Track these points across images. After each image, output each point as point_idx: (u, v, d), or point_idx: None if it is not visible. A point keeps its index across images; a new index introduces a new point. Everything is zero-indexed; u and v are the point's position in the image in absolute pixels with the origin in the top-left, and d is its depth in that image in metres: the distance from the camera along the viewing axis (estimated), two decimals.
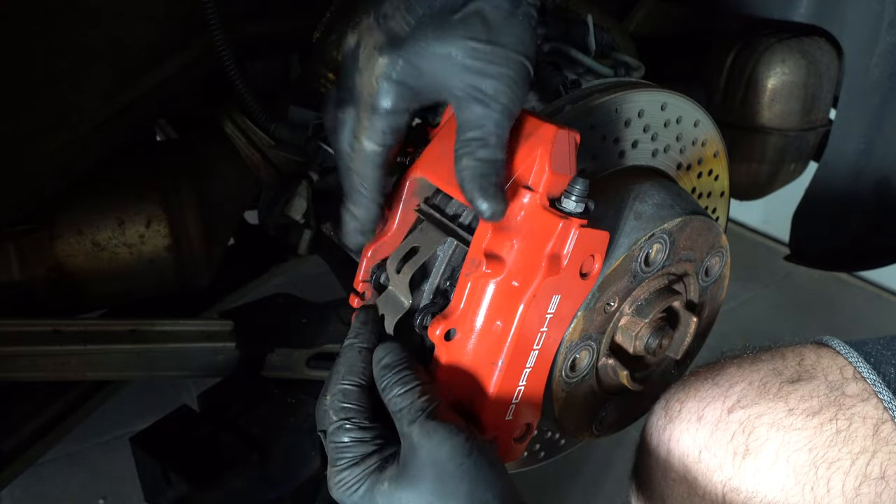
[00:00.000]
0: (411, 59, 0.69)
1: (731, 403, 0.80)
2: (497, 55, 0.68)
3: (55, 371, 0.91)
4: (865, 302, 2.74)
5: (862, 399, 0.75)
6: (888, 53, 1.40)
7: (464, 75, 0.68)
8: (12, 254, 1.00)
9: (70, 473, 1.80)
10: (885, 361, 0.77)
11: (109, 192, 1.06)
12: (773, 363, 0.82)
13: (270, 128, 1.13)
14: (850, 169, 1.51)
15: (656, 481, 0.85)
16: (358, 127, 0.74)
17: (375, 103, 0.71)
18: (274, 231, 1.23)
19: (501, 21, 0.68)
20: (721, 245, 0.93)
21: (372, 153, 0.73)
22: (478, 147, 0.69)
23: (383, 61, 0.70)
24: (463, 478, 0.67)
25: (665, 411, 0.86)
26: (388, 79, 0.70)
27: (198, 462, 0.97)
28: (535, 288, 0.71)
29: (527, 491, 0.71)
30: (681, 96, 0.91)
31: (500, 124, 0.69)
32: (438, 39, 0.68)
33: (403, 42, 0.69)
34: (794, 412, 0.76)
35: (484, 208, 0.69)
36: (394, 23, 0.70)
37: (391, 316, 0.81)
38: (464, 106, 0.69)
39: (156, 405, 1.15)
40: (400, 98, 0.71)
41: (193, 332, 1.03)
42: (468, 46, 0.68)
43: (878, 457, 0.72)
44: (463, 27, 0.68)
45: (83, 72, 0.86)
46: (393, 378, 0.72)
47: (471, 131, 0.69)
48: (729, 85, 1.56)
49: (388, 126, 0.72)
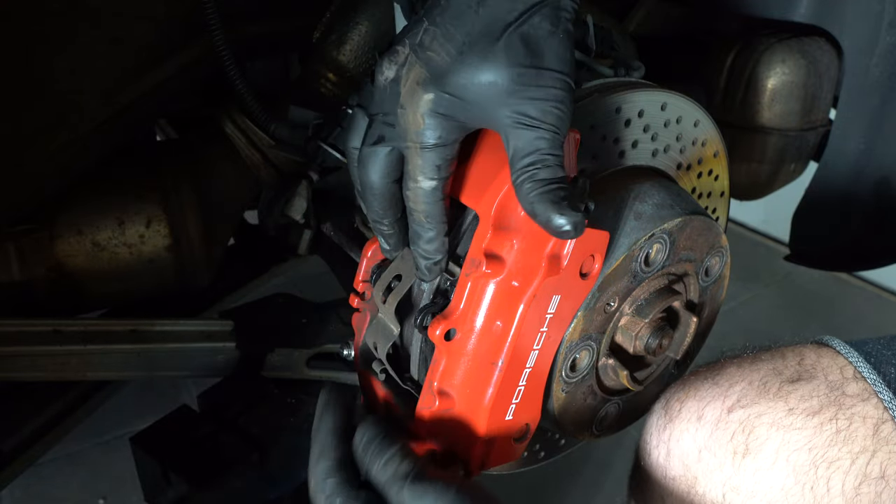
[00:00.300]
0: (457, 91, 0.67)
1: (731, 403, 0.80)
2: (542, 78, 0.66)
3: (55, 371, 0.91)
4: (865, 302, 2.74)
5: (862, 399, 0.74)
6: (888, 53, 1.40)
7: (510, 102, 0.66)
8: (12, 254, 1.00)
9: (70, 473, 1.80)
10: (886, 361, 0.77)
11: (109, 192, 1.06)
12: (772, 363, 0.82)
13: (270, 128, 1.13)
14: (850, 169, 1.51)
15: (655, 481, 0.86)
16: (410, 166, 0.72)
17: (424, 139, 0.69)
18: (274, 231, 1.23)
19: (544, 42, 0.66)
20: (721, 245, 0.93)
21: (431, 189, 0.71)
22: (537, 170, 0.67)
23: (428, 97, 0.67)
24: None
25: (665, 411, 0.86)
26: (435, 114, 0.68)
27: (198, 462, 0.97)
28: (535, 288, 0.71)
29: (527, 491, 0.71)
30: (681, 96, 0.91)
31: (553, 143, 0.67)
32: (483, 68, 0.66)
33: (446, 74, 0.67)
34: (794, 412, 0.76)
35: (562, 223, 0.65)
36: (433, 53, 0.68)
37: (382, 343, 0.82)
38: (513, 133, 0.67)
39: (156, 405, 1.15)
40: (448, 131, 0.69)
41: (193, 332, 1.03)
42: (513, 73, 0.66)
43: (879, 456, 0.72)
44: (506, 53, 0.66)
45: (83, 72, 0.86)
46: (372, 453, 0.71)
47: (526, 157, 0.67)
48: (729, 85, 1.56)
49: (441, 159, 0.70)
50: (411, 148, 0.70)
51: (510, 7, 0.66)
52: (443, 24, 0.67)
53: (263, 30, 1.10)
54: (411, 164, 0.71)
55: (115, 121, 0.92)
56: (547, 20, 0.67)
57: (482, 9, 0.66)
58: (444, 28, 0.67)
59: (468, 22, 0.67)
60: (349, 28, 1.17)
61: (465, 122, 0.69)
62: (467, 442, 0.77)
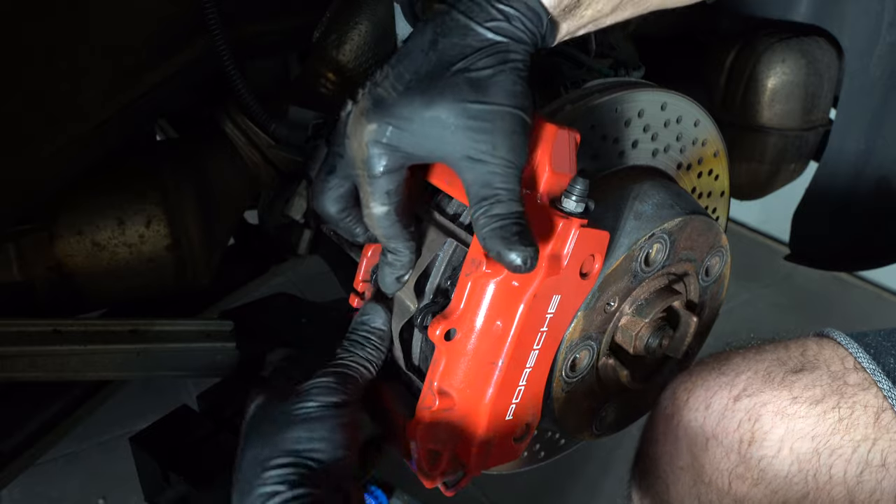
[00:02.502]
0: (400, 123, 0.69)
1: (738, 392, 0.81)
2: (488, 113, 0.67)
3: (55, 371, 0.91)
4: (865, 302, 2.74)
5: (863, 388, 0.76)
6: (888, 53, 1.40)
7: (457, 137, 0.67)
8: (12, 254, 1.00)
9: (70, 473, 1.80)
10: (885, 352, 0.78)
11: (109, 192, 1.06)
12: (776, 354, 0.84)
13: (270, 128, 1.13)
14: (850, 169, 1.51)
15: (662, 470, 0.86)
16: (362, 194, 0.74)
17: (370, 168, 0.71)
18: (274, 231, 1.23)
19: (489, 80, 0.68)
20: (721, 245, 0.93)
21: (384, 214, 0.73)
22: (490, 205, 0.67)
23: (371, 127, 0.69)
24: None
25: (672, 400, 0.87)
26: (377, 143, 0.69)
27: (198, 462, 0.97)
28: (535, 288, 0.71)
29: (527, 491, 0.71)
30: (681, 96, 0.91)
31: (507, 177, 0.68)
32: (426, 104, 0.68)
33: (390, 106, 0.69)
34: (798, 400, 0.77)
35: (512, 258, 0.66)
36: (381, 89, 0.70)
37: (398, 319, 0.82)
38: (464, 167, 0.68)
39: (156, 405, 1.15)
40: (392, 160, 0.70)
41: (193, 332, 1.02)
42: (458, 108, 0.67)
43: (879, 444, 0.74)
44: (451, 89, 0.67)
45: (83, 72, 0.86)
46: None
47: (480, 191, 0.68)
48: (729, 85, 1.56)
49: (390, 185, 0.72)
50: (360, 176, 0.72)
51: (459, 51, 0.68)
52: (397, 65, 0.70)
53: (263, 30, 1.10)
54: (362, 191, 0.74)
55: (114, 121, 0.92)
56: (493, 60, 0.68)
57: (432, 52, 0.69)
58: (397, 69, 0.70)
59: (418, 62, 0.69)
60: (349, 28, 1.17)
61: (411, 153, 0.70)
62: (467, 442, 0.77)
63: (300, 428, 0.72)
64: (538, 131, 0.72)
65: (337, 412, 0.74)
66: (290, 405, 0.74)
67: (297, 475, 0.69)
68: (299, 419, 0.73)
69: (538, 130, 0.72)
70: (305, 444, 0.71)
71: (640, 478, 0.92)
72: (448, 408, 0.76)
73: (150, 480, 0.99)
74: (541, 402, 0.82)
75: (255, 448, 0.72)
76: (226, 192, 1.17)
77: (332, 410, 0.74)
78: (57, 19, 0.80)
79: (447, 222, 0.81)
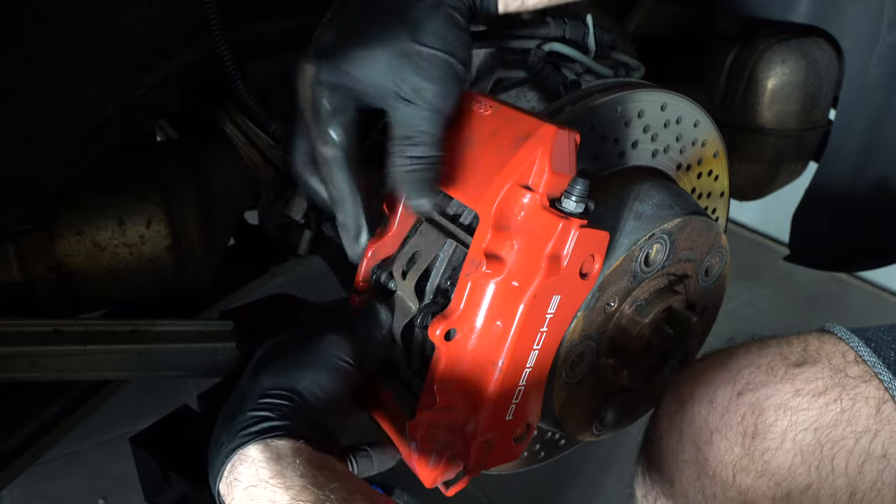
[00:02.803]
0: (337, 63, 0.71)
1: (741, 386, 0.82)
2: (420, 54, 0.69)
3: (55, 371, 0.91)
4: (865, 302, 2.74)
5: (864, 380, 0.77)
6: (888, 54, 1.40)
7: (389, 75, 0.70)
8: (12, 254, 1.00)
9: (70, 473, 1.80)
10: (886, 345, 0.79)
11: (109, 192, 1.06)
12: (779, 348, 0.84)
13: (270, 128, 1.13)
14: (850, 169, 1.51)
15: (666, 464, 0.87)
16: (311, 138, 0.76)
17: (316, 108, 0.73)
18: (274, 231, 1.23)
19: (421, 21, 0.70)
20: (721, 245, 0.93)
21: (332, 157, 0.75)
22: (409, 145, 0.71)
23: (311, 69, 0.72)
24: None
25: (676, 395, 0.88)
26: (319, 83, 0.72)
27: (198, 462, 0.97)
28: (535, 288, 0.71)
29: (527, 491, 0.71)
30: (681, 97, 0.91)
31: (429, 121, 0.70)
32: (361, 44, 0.70)
33: (328, 49, 0.72)
34: (801, 393, 0.78)
35: (420, 203, 0.71)
36: (325, 35, 0.73)
37: (399, 320, 0.82)
38: (392, 105, 0.71)
39: (156, 405, 1.15)
40: (337, 98, 0.73)
41: (193, 332, 1.02)
42: (390, 48, 0.70)
43: (881, 436, 0.74)
44: (384, 30, 0.70)
45: (83, 72, 0.86)
46: None
47: (400, 130, 0.71)
48: (729, 85, 1.56)
49: (337, 125, 0.74)
50: (310, 120, 0.74)
51: None
52: (338, 11, 0.75)
53: (263, 30, 1.10)
54: (312, 134, 0.75)
55: (114, 121, 0.92)
56: (428, 6, 0.71)
57: None
58: (336, 18, 0.74)
59: (356, 10, 0.73)
60: None
61: (353, 92, 0.72)
62: (467, 441, 0.77)
63: (309, 370, 0.73)
64: (538, 131, 0.72)
65: (347, 370, 0.75)
66: (304, 349, 0.75)
67: (291, 409, 0.69)
68: (309, 364, 0.73)
69: (538, 130, 0.72)
70: (308, 386, 0.71)
71: (644, 472, 0.93)
72: (448, 408, 0.76)
73: (150, 480, 0.99)
74: (541, 402, 0.82)
75: (257, 378, 0.73)
76: (226, 193, 1.17)
77: (344, 367, 0.74)
78: (57, 19, 0.80)
79: (447, 223, 0.81)
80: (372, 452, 0.81)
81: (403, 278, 0.82)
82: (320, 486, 0.61)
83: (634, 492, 0.95)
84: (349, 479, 0.65)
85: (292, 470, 0.62)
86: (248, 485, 0.63)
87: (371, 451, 0.81)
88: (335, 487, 0.61)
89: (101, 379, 1.08)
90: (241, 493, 0.63)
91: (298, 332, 0.83)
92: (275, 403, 0.69)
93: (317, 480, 0.61)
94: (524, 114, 0.75)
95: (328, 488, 0.61)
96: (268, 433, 0.66)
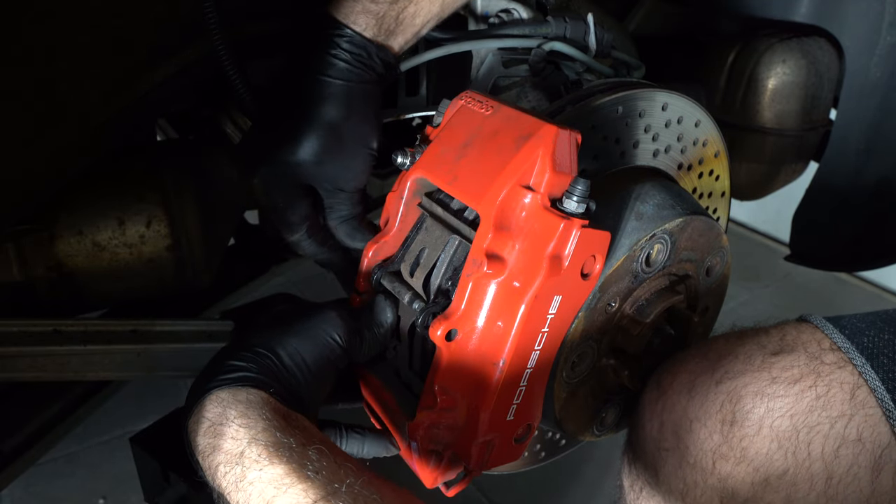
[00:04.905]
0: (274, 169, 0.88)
1: (720, 375, 0.83)
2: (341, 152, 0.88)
3: (55, 371, 0.91)
4: (865, 302, 2.74)
5: (839, 367, 0.78)
6: (888, 53, 1.40)
7: (317, 171, 0.88)
8: (12, 254, 1.00)
9: (70, 473, 1.80)
10: (860, 332, 0.81)
11: (109, 192, 1.06)
12: (757, 338, 0.86)
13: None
14: (850, 169, 1.51)
15: (649, 453, 0.87)
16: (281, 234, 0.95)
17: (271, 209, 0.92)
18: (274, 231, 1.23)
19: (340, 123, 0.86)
20: (722, 245, 0.93)
21: (297, 241, 0.94)
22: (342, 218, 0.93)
23: (255, 180, 0.90)
24: None
25: (657, 385, 0.89)
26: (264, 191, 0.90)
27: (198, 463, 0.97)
28: (536, 288, 0.71)
29: (527, 491, 0.71)
30: (682, 97, 0.91)
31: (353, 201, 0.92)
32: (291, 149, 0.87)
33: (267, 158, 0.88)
34: (777, 380, 0.79)
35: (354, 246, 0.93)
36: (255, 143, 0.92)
37: (407, 318, 0.82)
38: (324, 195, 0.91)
39: (156, 405, 1.15)
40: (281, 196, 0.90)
41: (193, 332, 1.02)
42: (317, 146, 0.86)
43: (855, 420, 0.75)
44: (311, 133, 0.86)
45: (83, 72, 0.86)
46: None
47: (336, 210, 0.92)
48: (729, 85, 1.56)
49: (292, 218, 0.92)
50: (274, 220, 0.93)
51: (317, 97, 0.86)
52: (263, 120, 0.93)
53: (263, 30, 1.10)
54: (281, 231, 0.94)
55: (114, 121, 0.92)
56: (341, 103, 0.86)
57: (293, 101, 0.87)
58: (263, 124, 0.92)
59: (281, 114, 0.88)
60: None
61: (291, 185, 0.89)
62: (468, 442, 0.77)
63: (295, 338, 0.77)
64: (539, 132, 0.72)
65: (333, 348, 0.78)
66: (298, 318, 0.79)
67: (268, 367, 0.73)
68: (297, 331, 0.77)
69: (539, 131, 0.72)
70: (290, 351, 0.75)
71: (629, 462, 0.93)
72: (449, 408, 0.76)
73: (150, 480, 0.99)
74: (542, 402, 0.82)
75: (247, 335, 0.78)
76: (226, 193, 1.17)
77: (331, 344, 0.78)
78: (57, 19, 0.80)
79: (451, 218, 0.80)
80: (366, 435, 0.83)
81: (411, 276, 0.82)
82: (282, 429, 0.65)
83: (622, 482, 0.96)
84: (312, 432, 0.68)
85: (259, 414, 0.67)
86: (214, 423, 0.67)
87: (365, 434, 0.82)
88: (296, 434, 0.65)
89: (101, 379, 1.08)
90: (207, 429, 0.67)
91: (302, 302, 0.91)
92: (256, 359, 0.73)
93: (279, 425, 0.66)
94: (525, 113, 0.75)
95: (290, 433, 0.65)
96: (243, 382, 0.71)
